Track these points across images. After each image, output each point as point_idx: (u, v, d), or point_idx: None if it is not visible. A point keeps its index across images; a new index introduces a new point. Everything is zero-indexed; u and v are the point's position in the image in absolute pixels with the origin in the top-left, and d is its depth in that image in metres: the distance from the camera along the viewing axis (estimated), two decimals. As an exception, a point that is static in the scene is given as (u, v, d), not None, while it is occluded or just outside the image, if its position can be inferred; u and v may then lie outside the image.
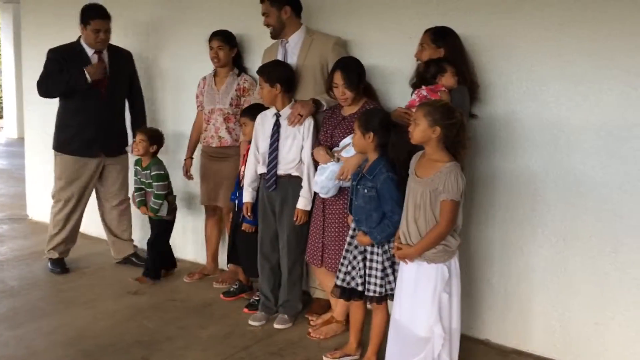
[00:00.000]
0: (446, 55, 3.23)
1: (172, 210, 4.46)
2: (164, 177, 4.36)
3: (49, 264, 4.61)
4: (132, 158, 4.73)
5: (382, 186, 2.98)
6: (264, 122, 3.69)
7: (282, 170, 3.61)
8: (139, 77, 4.83)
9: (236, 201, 4.00)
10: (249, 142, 3.83)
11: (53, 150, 4.64)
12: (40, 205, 5.99)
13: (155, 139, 4.41)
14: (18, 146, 9.46)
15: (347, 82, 3.32)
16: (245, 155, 3.87)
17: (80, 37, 4.46)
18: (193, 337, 3.58)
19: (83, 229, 5.48)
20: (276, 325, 3.70)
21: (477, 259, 3.55)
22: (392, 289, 3.03)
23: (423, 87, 3.12)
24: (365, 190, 3.02)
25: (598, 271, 3.20)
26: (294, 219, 3.60)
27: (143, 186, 4.45)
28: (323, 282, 3.68)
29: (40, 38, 5.73)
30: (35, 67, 5.81)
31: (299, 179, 3.60)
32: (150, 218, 4.51)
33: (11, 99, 11.66)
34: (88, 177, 4.54)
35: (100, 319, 3.78)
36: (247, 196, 3.77)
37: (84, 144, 4.46)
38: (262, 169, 3.68)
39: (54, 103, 5.58)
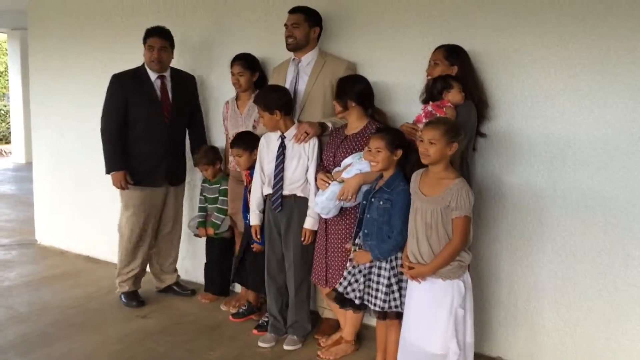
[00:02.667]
0: (458, 72, 3.24)
1: (230, 228, 4.41)
2: (228, 193, 4.37)
3: (122, 297, 4.44)
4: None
5: (397, 197, 2.99)
6: (269, 144, 3.71)
7: (287, 190, 3.62)
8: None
9: (247, 222, 3.99)
10: (247, 169, 3.88)
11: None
12: (49, 230, 6.00)
13: (215, 157, 4.38)
14: (26, 171, 9.51)
15: (337, 93, 3.41)
16: (247, 180, 3.90)
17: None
18: (202, 359, 3.56)
19: (91, 252, 5.52)
20: (286, 347, 3.69)
21: (487, 275, 3.53)
22: (396, 306, 3.03)
23: (430, 102, 3.14)
24: (381, 202, 3.03)
25: (608, 286, 3.19)
26: (302, 238, 3.61)
27: (207, 203, 4.43)
28: (330, 302, 3.66)
29: (47, 64, 5.78)
30: (42, 93, 5.90)
31: (304, 200, 3.60)
32: (209, 240, 4.50)
33: (19, 124, 11.72)
34: (153, 206, 4.41)
35: (109, 344, 3.77)
36: (255, 219, 3.78)
37: (149, 173, 4.30)
38: (268, 190, 3.69)
39: (61, 128, 5.66)
